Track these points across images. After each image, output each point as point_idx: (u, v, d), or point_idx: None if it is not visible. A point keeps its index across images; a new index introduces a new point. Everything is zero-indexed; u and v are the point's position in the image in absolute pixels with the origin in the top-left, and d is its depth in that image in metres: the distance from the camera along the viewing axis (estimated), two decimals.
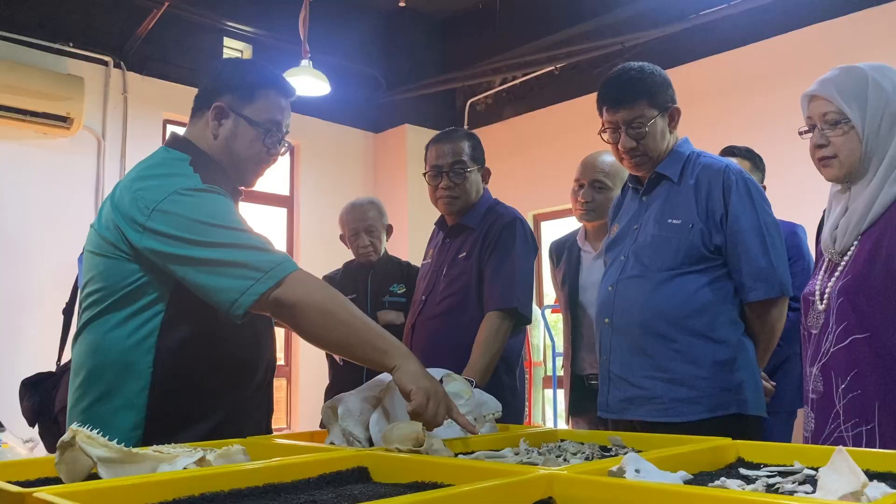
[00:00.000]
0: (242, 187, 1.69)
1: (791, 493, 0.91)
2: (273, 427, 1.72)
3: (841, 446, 0.81)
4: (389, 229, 3.21)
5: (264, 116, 1.62)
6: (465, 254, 2.37)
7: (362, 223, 3.11)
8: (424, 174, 2.48)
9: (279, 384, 5.62)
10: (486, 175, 2.51)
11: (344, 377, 2.95)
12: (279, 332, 5.72)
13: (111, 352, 1.47)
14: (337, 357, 3.15)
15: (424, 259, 2.60)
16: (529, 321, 2.35)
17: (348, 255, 3.33)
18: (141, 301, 1.46)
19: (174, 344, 1.47)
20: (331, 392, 3.09)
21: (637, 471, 0.90)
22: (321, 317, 1.39)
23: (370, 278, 3.10)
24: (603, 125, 2.01)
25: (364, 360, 1.40)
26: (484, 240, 2.35)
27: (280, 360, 5.69)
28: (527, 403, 4.97)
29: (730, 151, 2.76)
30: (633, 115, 1.96)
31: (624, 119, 1.97)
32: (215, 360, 1.51)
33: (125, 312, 1.47)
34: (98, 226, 1.53)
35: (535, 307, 5.14)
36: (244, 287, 1.37)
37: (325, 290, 1.42)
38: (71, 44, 4.69)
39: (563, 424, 4.16)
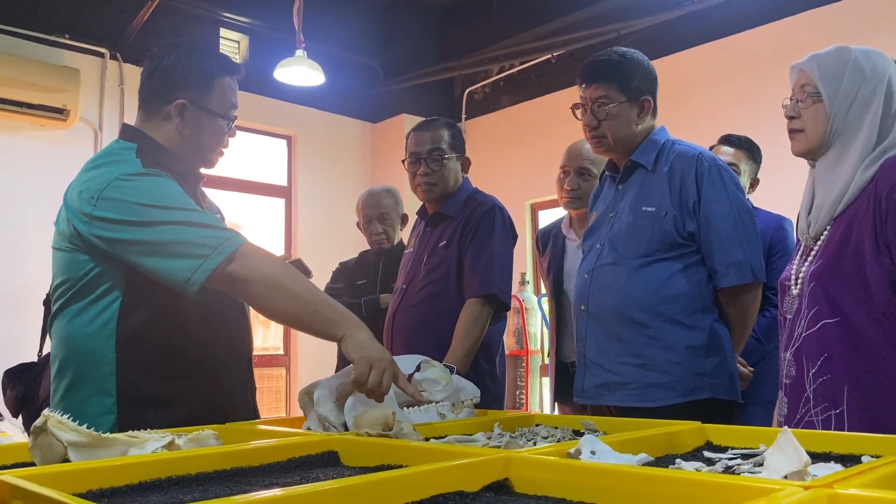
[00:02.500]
0: (207, 169, 1.70)
1: (743, 473, 0.92)
2: (272, 415, 1.75)
3: (786, 427, 0.83)
4: (404, 218, 3.23)
5: (224, 104, 1.64)
6: (444, 242, 2.39)
7: (376, 210, 3.13)
8: (403, 161, 2.50)
9: (279, 373, 5.66)
10: (465, 164, 2.53)
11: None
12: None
13: (76, 341, 1.51)
14: None
15: (407, 248, 2.62)
16: (508, 307, 2.38)
17: (347, 246, 3.35)
18: (98, 290, 1.50)
19: (134, 328, 1.50)
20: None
21: (593, 452, 0.92)
22: (271, 289, 1.41)
23: (382, 265, 3.12)
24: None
25: (313, 330, 1.43)
26: (463, 228, 2.37)
27: (279, 350, 5.72)
28: (524, 391, 4.99)
29: (727, 140, 2.72)
30: (597, 94, 1.98)
31: (591, 97, 1.99)
32: (179, 342, 1.54)
33: (84, 302, 1.50)
34: (56, 222, 1.57)
35: (532, 295, 5.17)
36: (195, 265, 1.40)
37: (275, 264, 1.44)
38: (67, 35, 4.70)
39: (555, 411, 4.18)
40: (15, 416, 2.50)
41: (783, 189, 3.14)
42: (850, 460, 1.02)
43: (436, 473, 0.85)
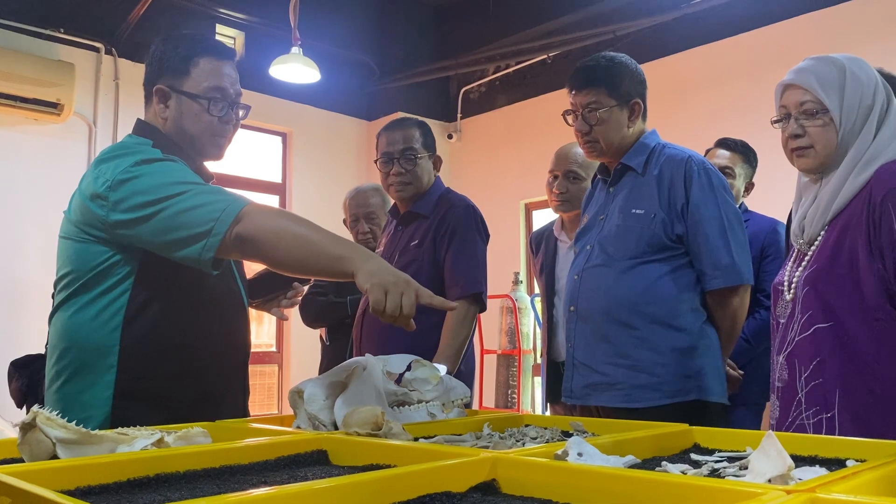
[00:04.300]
0: (213, 160, 1.70)
1: (728, 476, 0.93)
2: (263, 413, 1.76)
3: (770, 431, 0.84)
4: None
5: (203, 86, 1.61)
6: (416, 241, 2.40)
7: (363, 209, 3.12)
8: (376, 161, 2.50)
9: (271, 370, 5.66)
10: (437, 163, 2.54)
11: (330, 357, 3.00)
12: (270, 319, 5.70)
13: (80, 332, 1.51)
14: (322, 335, 3.18)
15: (378, 247, 2.63)
16: (485, 308, 2.38)
17: None
18: (108, 281, 1.50)
19: (141, 323, 1.51)
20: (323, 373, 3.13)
21: (580, 454, 0.92)
22: (278, 238, 1.39)
23: None
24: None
25: (325, 271, 1.40)
26: (437, 228, 2.37)
27: (272, 347, 5.71)
28: (516, 390, 5.00)
29: (723, 143, 2.74)
30: (588, 99, 2.00)
31: (582, 102, 2.01)
32: (183, 339, 1.54)
33: (93, 293, 1.51)
34: (68, 212, 1.57)
35: (525, 295, 5.18)
36: (207, 230, 1.40)
37: (278, 213, 1.45)
38: (62, 30, 4.70)
39: (547, 411, 4.18)
40: (19, 406, 2.52)
41: (777, 192, 3.15)
42: (835, 464, 1.02)
43: (423, 474, 0.85)
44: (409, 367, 1.52)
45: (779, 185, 3.17)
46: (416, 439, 1.22)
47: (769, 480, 0.79)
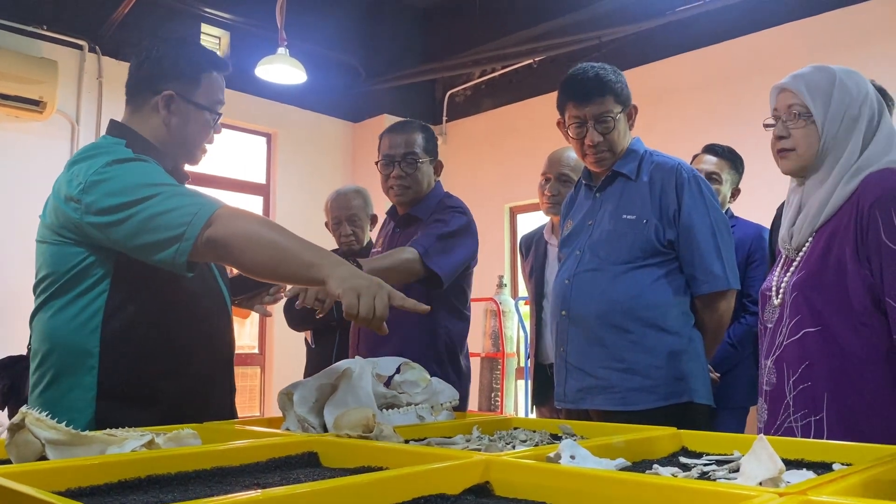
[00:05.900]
0: (191, 164, 1.71)
1: (718, 479, 0.94)
2: (246, 415, 1.75)
3: (762, 434, 0.85)
4: (374, 219, 3.21)
5: (211, 99, 1.65)
6: None
7: (345, 212, 3.11)
8: (377, 163, 2.49)
9: (253, 372, 5.62)
10: (438, 167, 2.52)
11: (316, 360, 2.99)
12: (253, 320, 5.64)
13: (58, 334, 1.50)
14: (308, 338, 3.17)
15: (375, 247, 2.61)
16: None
17: (324, 245, 3.32)
18: (85, 283, 1.49)
19: (119, 324, 1.50)
20: (308, 377, 3.12)
21: (572, 457, 0.93)
22: (248, 242, 1.38)
23: None
24: (565, 121, 2.04)
25: (296, 278, 1.42)
26: None
27: (254, 349, 5.68)
28: (499, 393, 5.01)
29: (710, 149, 2.77)
30: (601, 109, 1.99)
31: (592, 114, 2.00)
32: (163, 339, 1.53)
33: (70, 296, 1.50)
34: (43, 216, 1.56)
35: (509, 298, 5.19)
36: (179, 234, 1.39)
37: (250, 218, 1.43)
38: (45, 27, 4.65)
39: (533, 414, 4.19)
40: (1, 407, 2.50)
41: (762, 199, 3.19)
42: (821, 468, 1.04)
43: (416, 476, 0.85)
44: (398, 370, 1.52)
45: (764, 191, 3.21)
46: (406, 442, 1.22)
47: (760, 483, 0.80)
